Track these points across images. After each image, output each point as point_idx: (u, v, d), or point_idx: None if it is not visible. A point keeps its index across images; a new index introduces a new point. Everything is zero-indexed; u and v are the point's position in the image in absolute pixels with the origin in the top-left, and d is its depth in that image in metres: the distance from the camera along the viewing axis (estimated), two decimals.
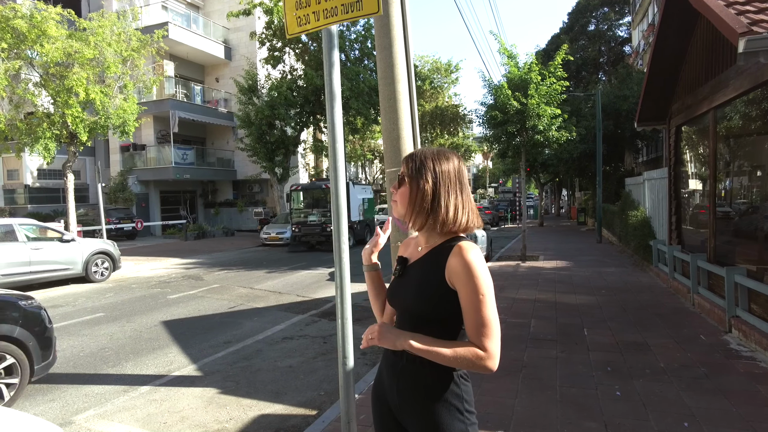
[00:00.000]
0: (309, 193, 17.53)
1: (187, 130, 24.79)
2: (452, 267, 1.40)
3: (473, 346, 1.35)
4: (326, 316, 7.47)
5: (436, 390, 1.45)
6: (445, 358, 1.35)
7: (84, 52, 12.29)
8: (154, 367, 5.32)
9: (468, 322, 1.38)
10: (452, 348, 1.36)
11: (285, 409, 4.17)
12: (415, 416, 1.48)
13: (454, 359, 1.35)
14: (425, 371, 1.46)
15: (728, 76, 5.85)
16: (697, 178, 7.86)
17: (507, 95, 11.48)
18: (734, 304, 5.44)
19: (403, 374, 1.51)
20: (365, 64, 19.92)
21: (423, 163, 1.48)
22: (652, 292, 7.98)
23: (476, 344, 1.35)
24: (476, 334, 1.36)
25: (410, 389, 1.49)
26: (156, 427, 3.86)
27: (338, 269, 2.74)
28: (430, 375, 1.46)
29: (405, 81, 4.18)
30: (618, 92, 19.59)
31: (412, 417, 1.49)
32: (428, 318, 1.45)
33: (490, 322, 1.36)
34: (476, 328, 1.36)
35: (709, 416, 3.49)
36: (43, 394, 4.63)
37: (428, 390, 1.46)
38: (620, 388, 4.08)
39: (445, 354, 1.35)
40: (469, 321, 1.37)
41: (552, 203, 47.45)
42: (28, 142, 13.07)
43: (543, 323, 6.28)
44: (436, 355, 1.36)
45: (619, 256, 12.66)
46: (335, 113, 2.65)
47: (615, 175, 21.42)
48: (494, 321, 1.36)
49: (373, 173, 34.52)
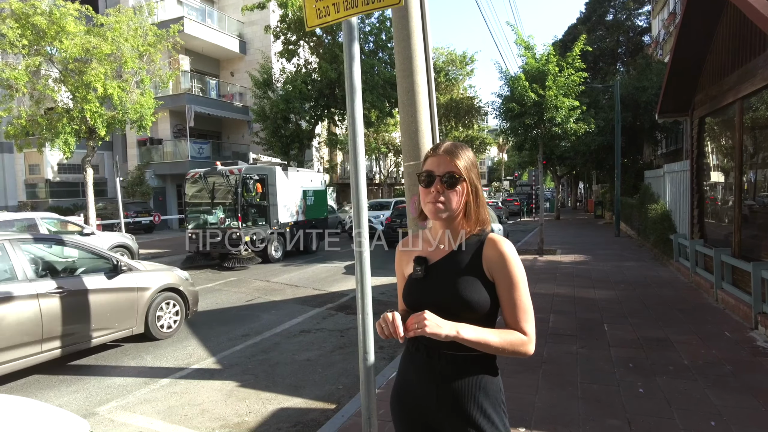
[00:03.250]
0: (209, 183, 12.58)
1: (203, 124, 24.97)
2: (490, 258, 1.46)
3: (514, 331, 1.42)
4: (343, 310, 7.48)
5: (485, 386, 1.46)
6: (492, 344, 1.38)
7: (102, 47, 12.42)
8: (173, 360, 5.38)
9: (507, 309, 1.44)
10: (498, 334, 1.39)
11: (304, 402, 4.18)
12: (462, 416, 1.45)
13: (501, 345, 1.38)
14: (471, 369, 1.46)
15: (757, 65, 5.67)
16: (719, 170, 7.68)
17: (524, 87, 11.33)
18: (761, 300, 5.31)
19: (443, 376, 1.47)
20: (380, 56, 19.80)
21: (469, 158, 1.50)
22: (673, 287, 7.84)
23: (517, 329, 1.42)
24: (516, 319, 1.42)
25: (455, 390, 1.46)
26: (177, 420, 3.90)
27: (359, 264, 2.72)
28: (478, 372, 1.47)
29: (423, 73, 4.13)
30: (637, 83, 19.20)
31: (458, 417, 1.45)
32: (469, 312, 1.42)
33: (529, 307, 1.44)
34: (517, 313, 1.42)
35: (737, 415, 3.41)
36: (66, 386, 4.71)
37: (478, 387, 1.46)
38: (643, 385, 4.00)
39: (492, 340, 1.38)
40: (509, 307, 1.43)
41: (569, 196, 46.93)
42: (49, 137, 13.27)
43: (562, 318, 6.21)
44: (484, 342, 1.37)
45: (638, 250, 12.46)
46: (356, 106, 2.61)
47: (633, 167, 21.06)
48: (530, 306, 1.45)
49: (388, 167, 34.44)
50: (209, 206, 12.43)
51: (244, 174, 11.95)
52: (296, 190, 14.03)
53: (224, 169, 12.17)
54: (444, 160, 1.47)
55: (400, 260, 1.67)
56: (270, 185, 12.84)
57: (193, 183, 12.80)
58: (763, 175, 6.02)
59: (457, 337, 1.34)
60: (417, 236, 1.66)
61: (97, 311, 5.31)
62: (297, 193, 14.04)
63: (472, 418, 1.43)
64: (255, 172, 12.47)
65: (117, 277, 5.60)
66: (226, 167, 12.32)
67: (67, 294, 5.00)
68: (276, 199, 12.91)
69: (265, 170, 12.89)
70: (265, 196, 12.68)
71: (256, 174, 12.45)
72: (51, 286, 4.90)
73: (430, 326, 1.32)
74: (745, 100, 6.21)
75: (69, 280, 5.16)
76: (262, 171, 12.79)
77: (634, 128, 19.16)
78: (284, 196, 13.29)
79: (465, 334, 1.35)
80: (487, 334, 1.38)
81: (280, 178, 13.19)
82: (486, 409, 1.44)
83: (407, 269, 1.60)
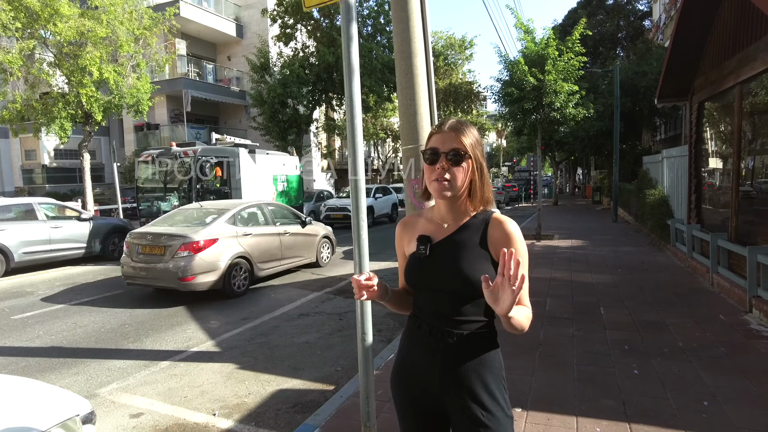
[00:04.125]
0: (163, 167, 11.33)
1: (200, 109, 24.81)
2: (495, 237, 1.47)
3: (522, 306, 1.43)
4: (341, 294, 7.52)
5: (488, 362, 1.49)
6: (521, 322, 1.37)
7: (96, 30, 12.28)
8: (173, 343, 5.42)
9: None
10: (522, 311, 1.39)
11: (303, 384, 4.23)
12: (466, 391, 1.46)
13: (524, 322, 1.38)
14: (474, 345, 1.49)
15: (757, 48, 5.64)
16: (718, 156, 7.68)
17: (523, 71, 11.26)
18: (756, 284, 5.35)
19: (446, 353, 1.48)
20: (378, 40, 19.61)
21: (475, 135, 1.48)
22: (669, 272, 7.89)
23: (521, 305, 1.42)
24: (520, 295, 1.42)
25: (459, 366, 1.47)
26: (177, 401, 3.95)
27: (357, 246, 2.73)
28: (481, 348, 1.49)
29: (422, 55, 4.10)
30: (636, 68, 19.07)
31: (462, 393, 1.47)
32: (472, 291, 1.42)
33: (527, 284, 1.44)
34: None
35: (730, 395, 3.46)
36: (67, 368, 4.75)
37: (482, 363, 1.48)
38: (638, 366, 4.06)
39: (520, 317, 1.37)
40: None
41: (567, 182, 46.92)
42: (45, 122, 13.21)
43: (559, 302, 6.26)
44: (516, 319, 1.34)
45: (636, 236, 12.51)
46: (353, 87, 2.60)
47: (632, 153, 21.03)
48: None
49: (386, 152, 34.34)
50: (163, 192, 11.19)
51: (199, 156, 10.76)
52: (265, 175, 12.79)
53: (178, 151, 10.90)
54: (449, 137, 1.45)
55: (401, 239, 1.66)
56: (232, 169, 11.65)
57: (147, 166, 11.44)
58: (762, 161, 6.03)
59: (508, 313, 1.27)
60: (419, 215, 1.66)
61: (298, 245, 8.98)
62: (266, 179, 12.82)
63: (475, 393, 1.45)
64: (213, 154, 11.29)
65: (306, 227, 9.16)
66: (180, 148, 11.12)
67: (288, 234, 8.70)
68: (240, 184, 11.72)
69: (227, 152, 11.71)
70: (226, 181, 11.60)
71: (215, 156, 11.25)
72: (282, 229, 8.57)
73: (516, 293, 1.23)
74: (745, 84, 6.19)
75: (288, 227, 8.78)
76: (223, 153, 11.63)
77: (633, 113, 19.09)
78: (250, 182, 12.06)
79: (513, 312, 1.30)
80: (517, 313, 1.35)
81: (244, 161, 11.99)
82: (489, 384, 1.46)
83: (408, 248, 1.60)
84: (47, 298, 7.68)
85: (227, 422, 3.57)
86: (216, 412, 3.72)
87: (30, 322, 6.40)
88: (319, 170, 28.71)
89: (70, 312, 6.84)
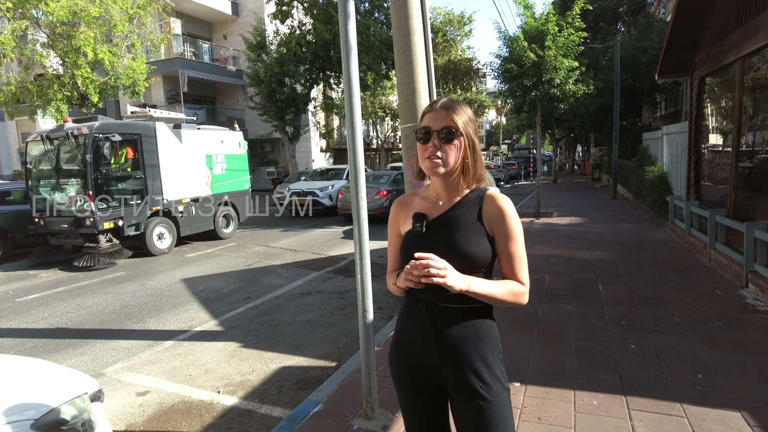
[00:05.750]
0: (56, 148, 8.99)
1: (197, 89, 24.55)
2: (490, 213, 1.51)
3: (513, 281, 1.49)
4: (342, 273, 7.58)
5: (484, 336, 1.52)
6: (497, 295, 1.43)
7: (89, 9, 12.08)
8: (176, 323, 5.49)
9: (506, 261, 1.50)
10: (501, 285, 1.46)
11: (305, 361, 4.31)
12: (464, 364, 1.49)
13: (503, 295, 1.44)
14: (474, 320, 1.52)
15: (760, 22, 5.57)
16: (718, 132, 7.65)
17: (523, 47, 11.12)
18: (753, 259, 5.40)
19: (443, 329, 1.51)
20: (375, 16, 19.29)
21: (467, 113, 1.50)
22: (667, 248, 7.94)
23: (514, 279, 1.50)
24: (514, 270, 1.50)
25: (456, 341, 1.50)
26: (182, 379, 4.02)
27: (357, 226, 2.75)
28: (481, 322, 1.53)
29: (421, 31, 4.05)
30: (637, 43, 18.83)
31: (460, 365, 1.50)
32: (469, 266, 1.45)
33: (525, 259, 1.51)
34: (515, 265, 1.50)
35: (724, 368, 3.53)
36: (73, 348, 4.82)
37: (478, 337, 1.51)
38: (635, 341, 4.12)
39: (497, 291, 1.43)
40: (507, 259, 1.50)
41: (566, 159, 46.76)
42: (41, 104, 13.08)
43: (557, 278, 6.31)
44: (491, 294, 1.43)
45: (635, 212, 12.54)
46: (351, 65, 2.59)
47: (632, 130, 20.90)
48: (526, 259, 1.52)
49: (385, 131, 34.11)
50: (55, 181, 8.97)
51: (95, 133, 8.39)
52: (196, 155, 10.57)
53: (72, 128, 8.51)
54: (441, 115, 1.47)
55: (396, 217, 1.68)
56: (146, 149, 9.38)
57: (38, 147, 9.15)
58: (762, 137, 6.01)
59: (468, 291, 1.38)
60: (414, 194, 1.68)
61: None
62: (198, 159, 10.61)
63: (473, 366, 1.48)
64: (116, 130, 8.80)
65: None
66: (75, 125, 8.77)
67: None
68: (158, 167, 9.61)
69: (137, 128, 9.34)
70: (139, 165, 9.31)
71: (118, 133, 8.75)
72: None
73: (450, 277, 1.34)
74: (747, 59, 6.13)
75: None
76: (131, 129, 9.24)
77: (633, 90, 18.93)
78: (173, 164, 9.94)
79: (475, 287, 1.39)
80: (493, 286, 1.43)
81: (164, 138, 9.76)
82: (486, 357, 1.50)
83: (404, 227, 1.62)
84: (49, 283, 7.74)
85: (232, 399, 3.65)
86: (220, 390, 3.80)
87: (34, 304, 6.47)
88: (317, 150, 28.58)
89: (73, 294, 6.91)
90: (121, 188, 9.18)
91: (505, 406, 1.49)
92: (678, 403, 3.08)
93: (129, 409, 3.57)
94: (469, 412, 1.49)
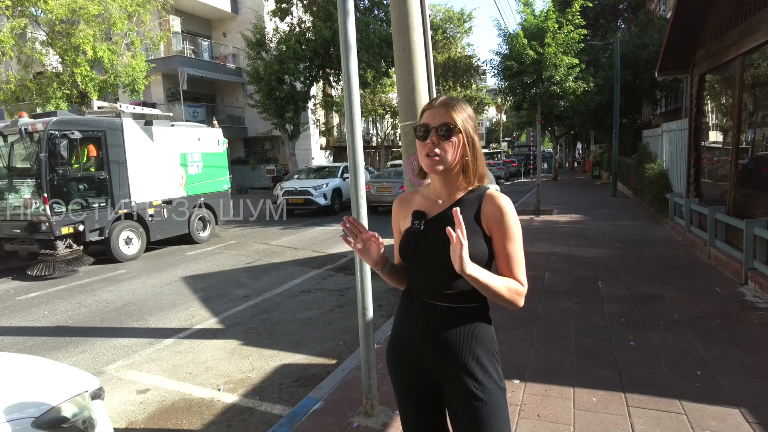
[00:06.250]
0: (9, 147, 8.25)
1: (197, 87, 24.52)
2: (488, 212, 1.49)
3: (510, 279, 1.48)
4: (342, 271, 7.59)
5: (479, 336, 1.51)
6: (494, 286, 1.40)
7: (88, 7, 12.05)
8: (176, 321, 5.50)
9: (503, 261, 1.48)
10: (500, 280, 1.43)
11: (305, 358, 4.31)
12: (458, 364, 1.49)
13: (501, 288, 1.41)
14: (466, 320, 1.51)
15: (760, 18, 5.56)
16: (718, 129, 7.64)
17: (523, 44, 11.11)
18: (752, 257, 5.40)
19: (438, 327, 1.51)
20: (375, 14, 19.27)
21: (466, 111, 1.50)
22: (667, 245, 7.94)
23: (513, 279, 1.47)
24: (512, 270, 1.47)
25: (451, 340, 1.50)
26: (182, 377, 4.03)
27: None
28: (473, 323, 1.52)
29: (420, 29, 4.05)
30: (638, 40, 18.79)
31: (454, 366, 1.50)
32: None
33: (522, 260, 1.50)
34: (513, 265, 1.47)
35: (723, 365, 3.54)
36: (74, 347, 4.83)
37: (473, 338, 1.50)
38: (634, 338, 4.13)
39: (495, 284, 1.40)
40: (505, 259, 1.48)
41: (567, 157, 46.71)
42: (40, 102, 13.07)
43: (557, 276, 6.32)
44: (489, 284, 1.38)
45: (634, 210, 12.54)
46: (351, 63, 2.59)
47: (632, 127, 20.88)
48: (523, 260, 1.50)
49: (385, 129, 34.08)
50: (7, 181, 8.18)
51: (51, 130, 7.68)
52: (169, 155, 9.85)
53: (26, 123, 7.79)
54: (440, 112, 1.47)
55: (397, 215, 1.69)
56: (112, 147, 8.64)
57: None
58: (762, 134, 6.01)
59: (471, 276, 1.33)
60: (415, 192, 1.68)
61: None
62: (171, 158, 9.90)
63: (467, 366, 1.48)
64: (75, 126, 8.08)
65: None
66: (30, 120, 8.04)
67: None
68: (125, 167, 8.88)
69: (101, 124, 8.59)
70: (102, 164, 8.61)
71: (78, 130, 8.08)
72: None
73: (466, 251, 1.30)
74: (747, 56, 6.12)
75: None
76: (93, 125, 8.50)
77: (633, 87, 18.90)
78: (143, 163, 9.22)
79: (476, 272, 1.34)
80: (492, 277, 1.40)
81: (132, 135, 9.01)
82: (480, 358, 1.49)
83: (404, 224, 1.62)
84: (49, 282, 7.75)
85: (232, 397, 3.66)
86: (221, 388, 3.81)
87: (34, 302, 6.48)
88: (317, 147, 28.56)
89: (73, 292, 6.92)
90: (81, 190, 8.40)
91: (500, 405, 1.49)
92: (677, 399, 3.09)
93: (130, 406, 3.58)
94: (464, 412, 1.49)
